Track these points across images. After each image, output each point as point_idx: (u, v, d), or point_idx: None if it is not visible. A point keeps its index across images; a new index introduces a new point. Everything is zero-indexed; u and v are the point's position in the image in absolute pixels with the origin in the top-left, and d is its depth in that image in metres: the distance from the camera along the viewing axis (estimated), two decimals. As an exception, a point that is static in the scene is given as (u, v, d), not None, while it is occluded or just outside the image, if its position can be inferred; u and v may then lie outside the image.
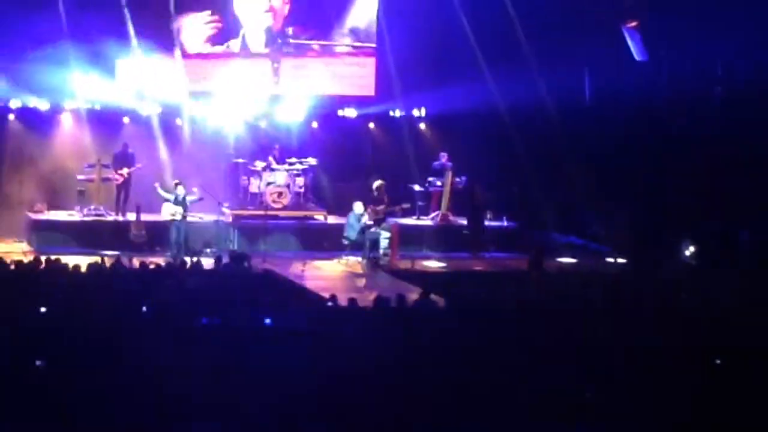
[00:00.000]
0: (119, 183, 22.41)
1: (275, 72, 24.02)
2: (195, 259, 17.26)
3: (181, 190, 20.77)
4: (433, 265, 21.21)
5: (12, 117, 23.08)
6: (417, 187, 23.45)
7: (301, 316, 12.17)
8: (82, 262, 15.48)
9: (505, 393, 9.15)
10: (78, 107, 23.18)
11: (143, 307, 12.08)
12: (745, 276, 17.10)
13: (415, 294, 14.44)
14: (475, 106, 23.25)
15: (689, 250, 20.02)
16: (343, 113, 24.80)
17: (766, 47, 18.55)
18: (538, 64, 22.39)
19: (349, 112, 24.79)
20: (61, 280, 14.10)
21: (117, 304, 12.15)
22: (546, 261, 18.71)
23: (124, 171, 22.34)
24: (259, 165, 22.94)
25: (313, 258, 21.24)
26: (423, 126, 25.25)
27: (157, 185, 21.24)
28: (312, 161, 23.32)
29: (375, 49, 24.30)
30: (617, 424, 8.88)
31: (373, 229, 21.20)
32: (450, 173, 23.19)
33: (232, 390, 8.94)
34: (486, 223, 23.17)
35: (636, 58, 21.48)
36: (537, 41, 22.50)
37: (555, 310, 12.85)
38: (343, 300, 13.48)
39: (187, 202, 20.78)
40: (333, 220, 23.00)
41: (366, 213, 21.29)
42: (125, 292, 13.12)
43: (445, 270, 20.77)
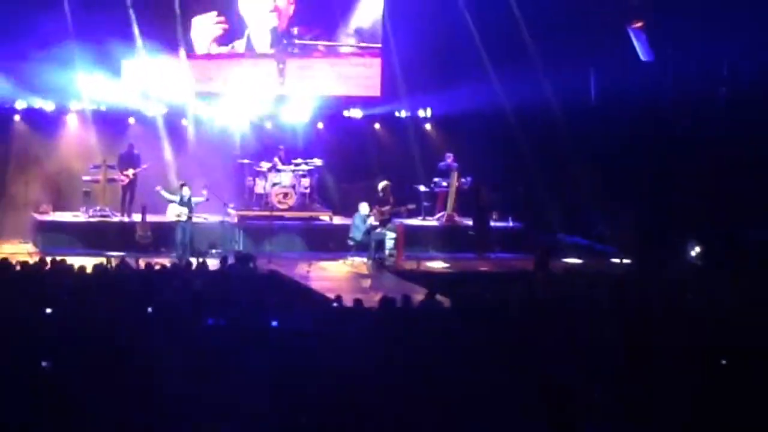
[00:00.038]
0: (125, 184, 22.41)
1: (280, 72, 24.02)
2: (200, 260, 17.22)
3: (186, 191, 20.76)
4: (438, 265, 21.18)
5: (17, 118, 23.12)
6: (422, 187, 23.43)
7: (307, 316, 12.13)
8: (87, 263, 15.43)
9: (510, 393, 9.13)
10: (83, 108, 23.18)
11: (149, 308, 12.06)
12: (751, 276, 17.05)
13: (420, 295, 14.41)
14: (480, 107, 23.28)
15: (695, 251, 19.99)
16: (349, 114, 24.81)
17: (771, 48, 18.58)
18: (544, 65, 22.40)
19: (355, 113, 24.80)
20: (67, 281, 14.07)
21: (122, 305, 12.12)
22: (552, 261, 18.65)
23: (130, 172, 22.34)
24: (264, 166, 22.95)
25: (318, 259, 21.25)
26: (428, 127, 25.26)
27: (159, 188, 21.20)
28: (317, 162, 23.33)
29: (380, 49, 24.31)
30: (624, 425, 8.87)
31: (378, 230, 21.21)
32: (455, 174, 23.17)
33: (238, 391, 8.93)
34: (491, 223, 23.13)
35: (641, 58, 21.48)
36: (542, 42, 22.51)
37: (561, 311, 12.83)
38: (348, 301, 13.46)
39: (192, 203, 20.79)
40: (338, 220, 23.00)
41: (371, 214, 21.29)
42: (131, 293, 13.11)
43: (451, 271, 20.73)
